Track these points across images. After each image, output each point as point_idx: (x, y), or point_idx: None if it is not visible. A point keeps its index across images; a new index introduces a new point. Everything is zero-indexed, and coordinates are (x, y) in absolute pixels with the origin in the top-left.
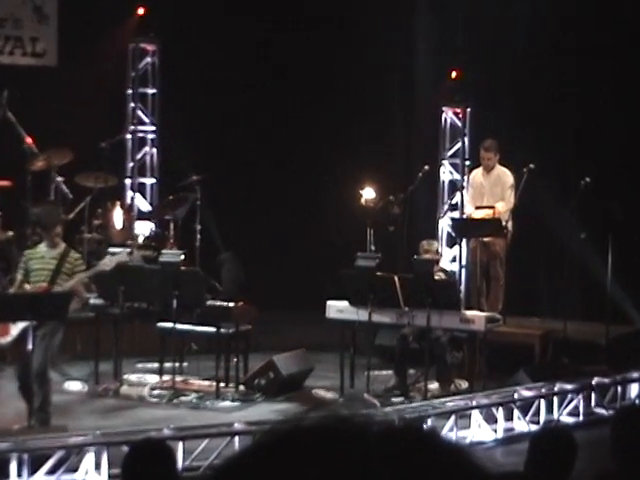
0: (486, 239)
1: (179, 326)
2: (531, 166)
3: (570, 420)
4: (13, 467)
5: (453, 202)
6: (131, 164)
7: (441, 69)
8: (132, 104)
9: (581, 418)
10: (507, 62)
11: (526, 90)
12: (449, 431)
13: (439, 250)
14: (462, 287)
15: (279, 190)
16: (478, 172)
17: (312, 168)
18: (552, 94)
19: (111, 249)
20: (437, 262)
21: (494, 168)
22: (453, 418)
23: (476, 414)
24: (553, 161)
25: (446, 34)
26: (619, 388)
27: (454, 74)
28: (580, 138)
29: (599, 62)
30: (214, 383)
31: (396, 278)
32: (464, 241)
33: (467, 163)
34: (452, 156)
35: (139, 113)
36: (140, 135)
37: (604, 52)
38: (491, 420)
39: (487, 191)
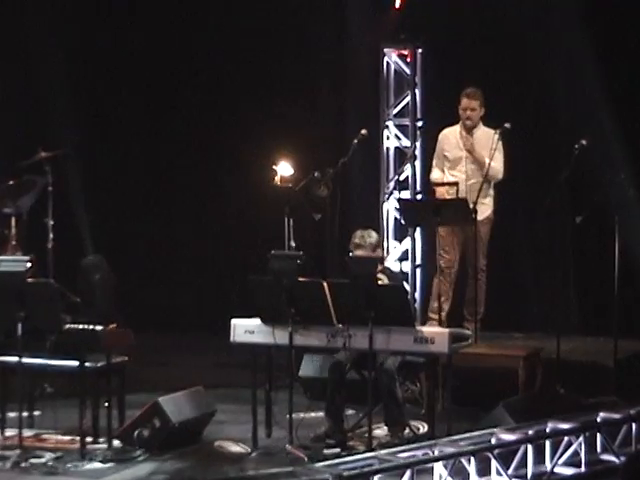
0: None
1: (27, 360)
2: (507, 126)
3: (568, 472)
4: None
5: (401, 178)
6: None
7: None
8: None
9: (583, 469)
10: None
11: (500, 23)
12: None
13: (381, 244)
14: (417, 294)
15: (165, 169)
16: (453, 131)
17: (208, 135)
18: (535, 25)
19: None
20: (380, 261)
21: (477, 127)
22: (409, 474)
23: (439, 468)
24: (537, 119)
25: None
26: (633, 426)
27: (398, 2)
28: (574, 87)
29: None
30: (78, 438)
31: (325, 284)
32: (418, 231)
33: (419, 124)
34: (398, 115)
35: None
36: None
37: None
38: (460, 475)
39: (467, 157)
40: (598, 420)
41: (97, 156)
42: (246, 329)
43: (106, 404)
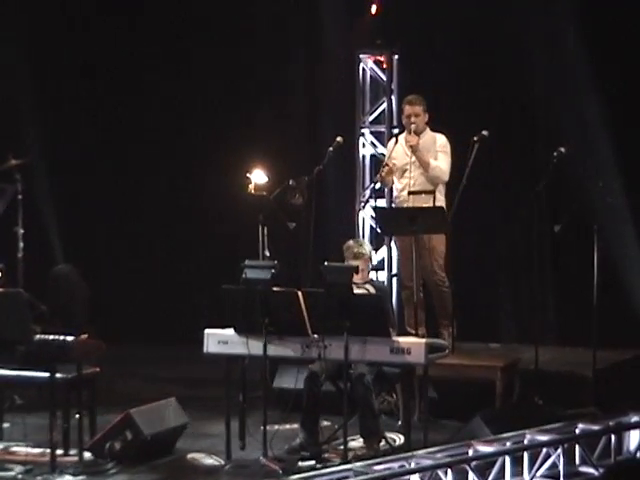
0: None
1: None
2: (484, 133)
3: None
4: None
5: (377, 186)
6: None
7: (357, 1)
8: None
9: None
10: None
11: (477, 28)
12: None
13: (372, 255)
14: (394, 304)
15: (137, 178)
16: (400, 138)
17: (181, 143)
18: (512, 30)
19: None
20: (359, 271)
21: (424, 132)
22: None
23: None
24: (515, 126)
25: None
26: (613, 438)
27: (374, 8)
28: (553, 94)
29: None
30: (48, 450)
31: (300, 294)
32: (394, 240)
33: (395, 131)
34: (374, 122)
35: None
36: None
37: None
38: None
39: (414, 163)
40: (577, 432)
41: (68, 164)
42: (219, 339)
43: (77, 416)
